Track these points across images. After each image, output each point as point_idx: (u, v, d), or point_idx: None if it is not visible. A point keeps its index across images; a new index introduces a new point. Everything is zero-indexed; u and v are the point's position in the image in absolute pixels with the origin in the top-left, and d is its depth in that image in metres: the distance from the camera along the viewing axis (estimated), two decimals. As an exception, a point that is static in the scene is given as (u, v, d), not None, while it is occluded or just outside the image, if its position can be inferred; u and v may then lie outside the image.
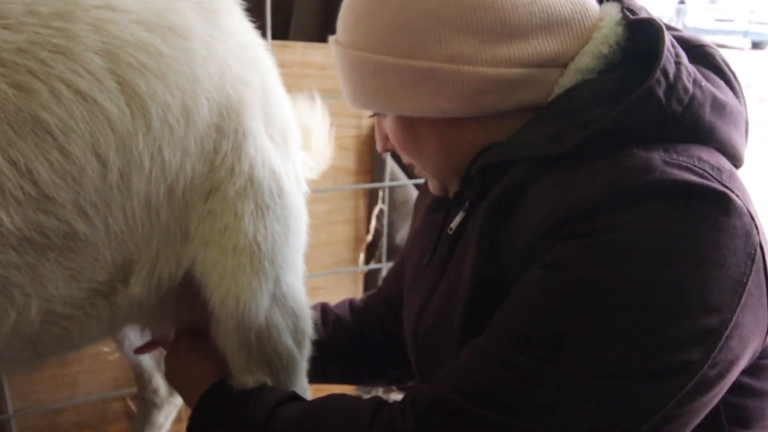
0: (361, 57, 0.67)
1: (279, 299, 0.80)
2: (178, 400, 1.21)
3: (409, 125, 0.70)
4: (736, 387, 0.59)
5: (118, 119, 0.62)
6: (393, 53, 0.64)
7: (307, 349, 0.87)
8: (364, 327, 1.01)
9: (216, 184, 0.75)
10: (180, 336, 0.90)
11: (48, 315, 0.67)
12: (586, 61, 0.63)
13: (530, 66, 0.62)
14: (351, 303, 1.07)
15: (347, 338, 1.00)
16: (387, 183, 1.45)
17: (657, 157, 0.55)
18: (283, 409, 0.72)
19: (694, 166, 0.55)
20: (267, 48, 0.84)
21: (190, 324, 0.89)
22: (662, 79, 0.57)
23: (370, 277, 1.58)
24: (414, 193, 1.54)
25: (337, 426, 0.66)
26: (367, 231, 1.51)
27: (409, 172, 1.51)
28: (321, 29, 1.57)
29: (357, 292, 1.58)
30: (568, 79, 0.63)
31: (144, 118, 0.64)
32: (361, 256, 1.55)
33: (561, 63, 0.64)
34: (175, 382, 0.88)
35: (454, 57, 0.62)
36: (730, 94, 0.62)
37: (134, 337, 1.13)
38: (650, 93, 0.57)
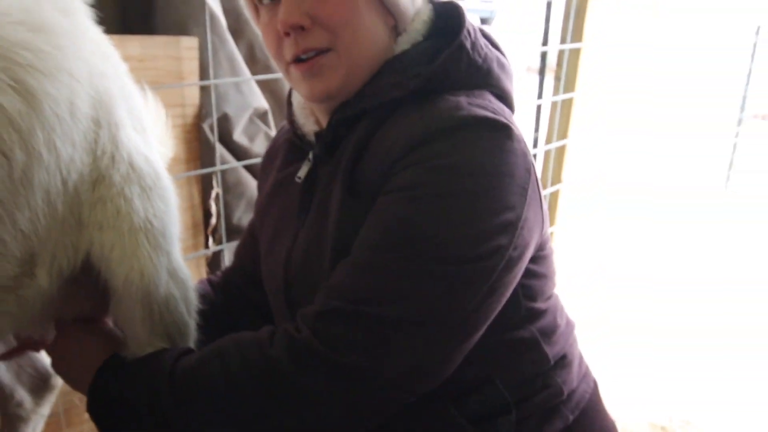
0: None
1: (172, 272, 0.87)
2: (44, 410, 1.18)
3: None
4: (525, 272, 0.81)
5: (17, 116, 0.66)
6: None
7: (195, 318, 0.95)
8: (226, 295, 1.10)
9: (101, 172, 0.79)
10: (65, 324, 0.91)
11: None
12: (416, 26, 0.82)
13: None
14: (209, 280, 1.15)
15: (214, 309, 1.08)
16: (219, 167, 1.52)
17: (463, 99, 0.76)
18: (183, 359, 0.78)
19: (488, 106, 0.77)
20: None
21: (74, 314, 0.92)
22: (468, 37, 0.79)
23: (214, 260, 1.64)
24: (244, 175, 1.63)
25: (240, 354, 0.74)
26: (209, 215, 1.57)
27: (238, 155, 1.60)
28: (122, 22, 1.57)
29: (202, 275, 1.63)
30: (403, 40, 0.82)
31: (39, 114, 0.68)
32: (211, 240, 1.60)
33: (404, 20, 0.82)
34: (65, 365, 0.88)
35: None
36: (505, 58, 0.87)
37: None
38: (461, 46, 0.79)
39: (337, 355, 0.70)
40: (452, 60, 0.78)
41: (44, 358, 1.17)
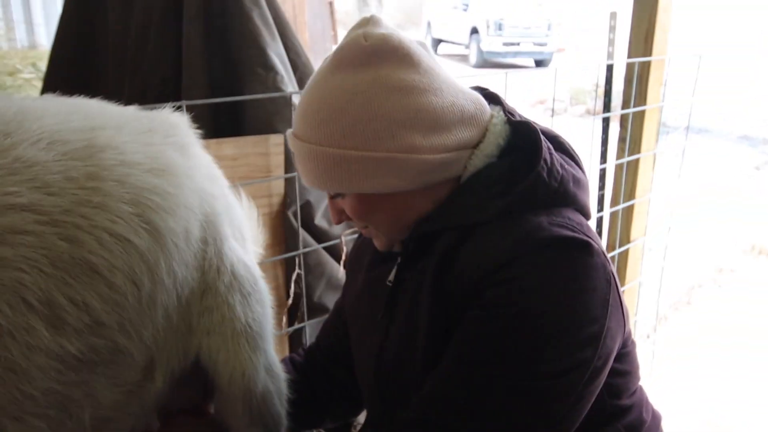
0: (326, 152, 0.86)
1: (268, 368, 0.97)
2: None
3: (367, 200, 0.90)
4: (609, 371, 0.85)
5: (146, 251, 0.78)
6: (356, 147, 0.84)
7: (286, 407, 1.04)
8: (309, 375, 1.18)
9: (208, 284, 0.91)
10: (172, 415, 1.01)
11: (95, 421, 0.79)
12: (490, 149, 0.90)
13: (454, 150, 0.87)
14: (291, 359, 1.24)
15: (298, 389, 1.17)
16: (302, 250, 1.64)
17: (544, 220, 0.83)
18: None
19: (567, 224, 0.83)
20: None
21: (180, 406, 1.03)
22: (544, 165, 0.86)
23: (294, 337, 1.74)
24: (324, 256, 1.74)
25: None
26: (288, 296, 1.69)
27: (318, 238, 1.72)
28: (213, 126, 1.74)
29: (284, 352, 1.74)
30: (477, 161, 0.89)
31: (162, 247, 0.80)
32: (284, 319, 1.71)
33: (470, 146, 0.89)
34: None
35: (405, 148, 0.84)
36: (579, 169, 0.93)
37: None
38: (538, 175, 0.85)
39: None
40: (530, 189, 0.84)
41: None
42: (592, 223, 1.56)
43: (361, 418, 1.40)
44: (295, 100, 1.61)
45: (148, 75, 1.59)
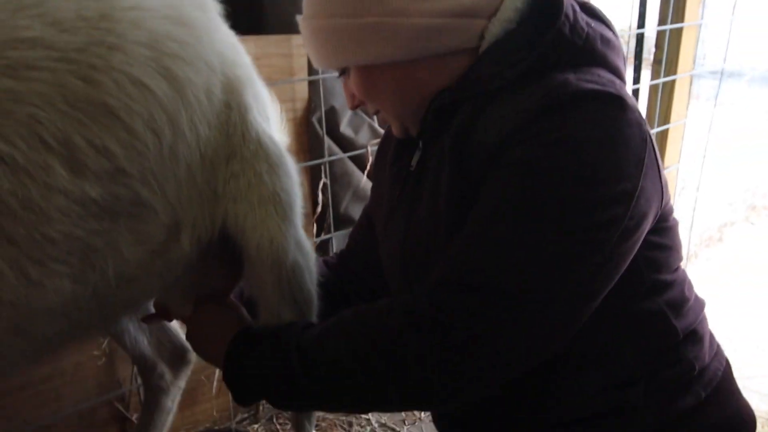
0: (320, 23, 0.82)
1: (298, 242, 0.93)
2: (181, 383, 1.28)
3: (367, 74, 0.85)
4: (647, 244, 0.79)
5: (165, 99, 0.73)
6: (344, 14, 0.80)
7: (317, 289, 1.00)
8: (341, 277, 1.15)
9: (233, 149, 0.86)
10: (202, 301, 0.99)
11: (120, 279, 0.75)
12: (508, 14, 0.82)
13: (452, 16, 0.80)
14: (324, 261, 1.20)
15: (331, 286, 1.12)
16: (327, 159, 1.59)
17: (571, 76, 0.76)
18: (308, 331, 0.82)
19: (598, 80, 0.76)
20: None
21: (209, 291, 1.00)
22: (565, 21, 0.78)
23: (321, 248, 1.71)
24: (350, 166, 1.69)
25: (361, 325, 0.77)
26: (315, 205, 1.65)
27: (344, 147, 1.66)
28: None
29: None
30: (495, 28, 0.81)
31: (183, 97, 0.76)
32: (313, 229, 1.68)
33: (481, 15, 0.81)
34: (201, 337, 0.95)
35: (393, 11, 0.78)
36: (609, 30, 0.85)
37: (133, 330, 1.19)
38: (560, 32, 0.78)
39: (454, 326, 0.71)
40: (552, 47, 0.77)
41: (181, 335, 1.28)
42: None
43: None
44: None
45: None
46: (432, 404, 0.76)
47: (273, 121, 1.02)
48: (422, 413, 1.60)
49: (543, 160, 0.72)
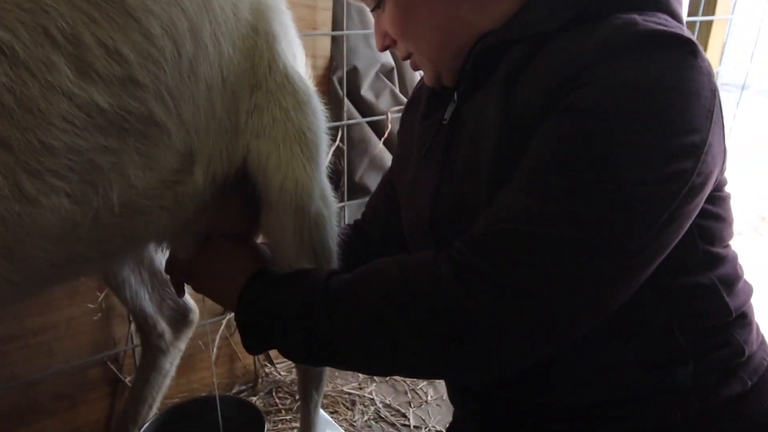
0: None
1: (323, 193, 0.85)
2: (181, 345, 1.20)
3: (404, 8, 0.77)
4: (702, 212, 0.73)
5: (188, 6, 0.65)
6: None
7: (337, 248, 0.92)
8: (357, 248, 1.07)
9: (258, 79, 0.78)
10: (213, 238, 0.89)
11: (124, 207, 0.67)
12: None
13: None
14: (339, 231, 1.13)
15: (346, 261, 1.06)
16: (345, 122, 1.51)
17: (636, 17, 0.68)
18: (335, 277, 0.74)
19: (665, 23, 0.68)
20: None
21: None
22: None
23: (333, 217, 1.62)
24: (369, 132, 1.60)
25: (401, 274, 0.69)
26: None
27: (364, 111, 1.58)
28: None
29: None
30: None
31: (207, 7, 0.67)
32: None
33: None
34: (209, 273, 0.86)
35: None
36: None
37: (135, 283, 1.11)
38: None
39: (505, 278, 0.64)
40: None
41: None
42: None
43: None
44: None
45: None
46: (469, 366, 0.69)
47: (300, 62, 0.94)
48: (429, 395, 1.53)
49: (608, 104, 0.64)
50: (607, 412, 0.77)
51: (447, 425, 1.44)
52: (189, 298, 1.19)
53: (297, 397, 1.52)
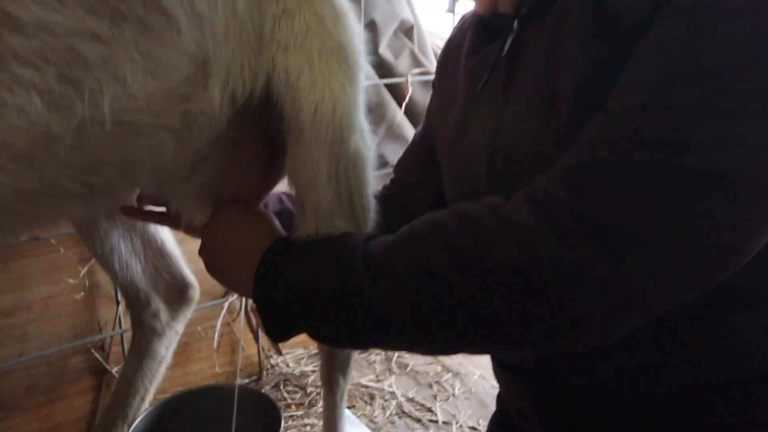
0: None
1: (362, 126, 0.69)
2: (179, 327, 1.03)
3: None
4: None
5: None
6: None
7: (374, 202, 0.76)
8: (386, 214, 0.93)
9: None
10: (221, 205, 0.74)
11: (118, 124, 0.51)
12: None
13: None
14: None
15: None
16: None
17: None
18: (374, 240, 0.61)
19: None
20: None
21: (232, 195, 0.75)
22: None
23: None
24: (386, 96, 1.45)
25: (465, 225, 0.56)
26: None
27: (381, 72, 1.42)
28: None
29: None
30: None
31: None
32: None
33: None
34: (218, 250, 0.71)
35: None
36: None
37: (125, 251, 0.94)
38: None
39: (612, 221, 0.50)
40: None
41: (184, 265, 1.03)
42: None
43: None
44: None
45: None
46: (558, 332, 0.54)
47: None
48: (456, 388, 1.37)
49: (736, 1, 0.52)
50: (721, 395, 0.62)
51: (479, 420, 1.29)
52: (188, 271, 1.02)
53: (308, 390, 1.36)
